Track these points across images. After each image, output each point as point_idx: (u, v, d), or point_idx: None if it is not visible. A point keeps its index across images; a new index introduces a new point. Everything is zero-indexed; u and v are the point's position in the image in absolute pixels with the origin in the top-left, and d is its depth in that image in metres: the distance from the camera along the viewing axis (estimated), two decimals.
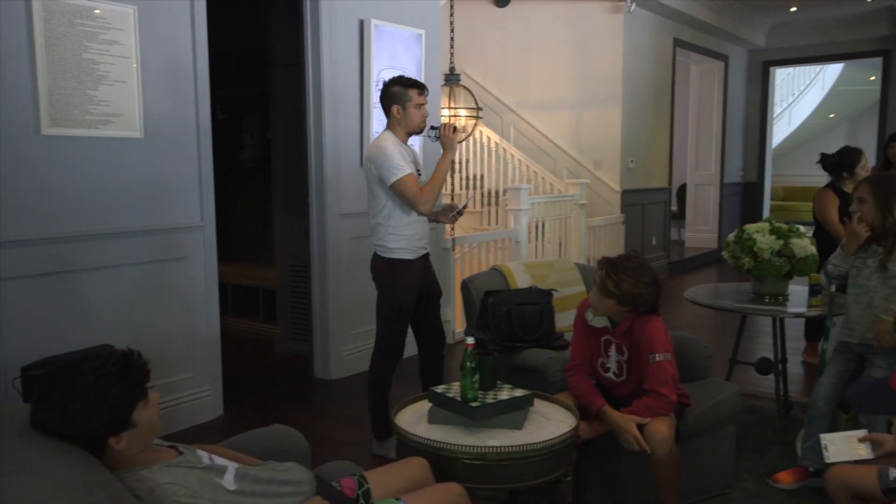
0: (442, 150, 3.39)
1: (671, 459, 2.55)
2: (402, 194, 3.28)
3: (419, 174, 3.39)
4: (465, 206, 3.58)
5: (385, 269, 3.42)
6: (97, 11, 3.35)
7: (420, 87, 3.34)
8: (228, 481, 1.73)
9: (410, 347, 3.62)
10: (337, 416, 4.13)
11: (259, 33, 5.57)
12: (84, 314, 3.41)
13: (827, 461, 2.13)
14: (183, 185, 3.81)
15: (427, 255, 3.54)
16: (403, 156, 3.30)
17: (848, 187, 4.26)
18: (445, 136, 3.34)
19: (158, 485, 1.61)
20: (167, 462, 1.69)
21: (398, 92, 3.32)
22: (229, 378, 4.24)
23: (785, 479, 3.14)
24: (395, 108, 3.34)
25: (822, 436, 2.20)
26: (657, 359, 2.58)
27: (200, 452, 1.80)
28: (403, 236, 3.37)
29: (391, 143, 3.30)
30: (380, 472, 2.11)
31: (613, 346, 2.72)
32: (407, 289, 3.39)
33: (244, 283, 6.04)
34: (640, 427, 2.55)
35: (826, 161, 4.53)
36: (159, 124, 3.66)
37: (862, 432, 2.10)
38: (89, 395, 1.56)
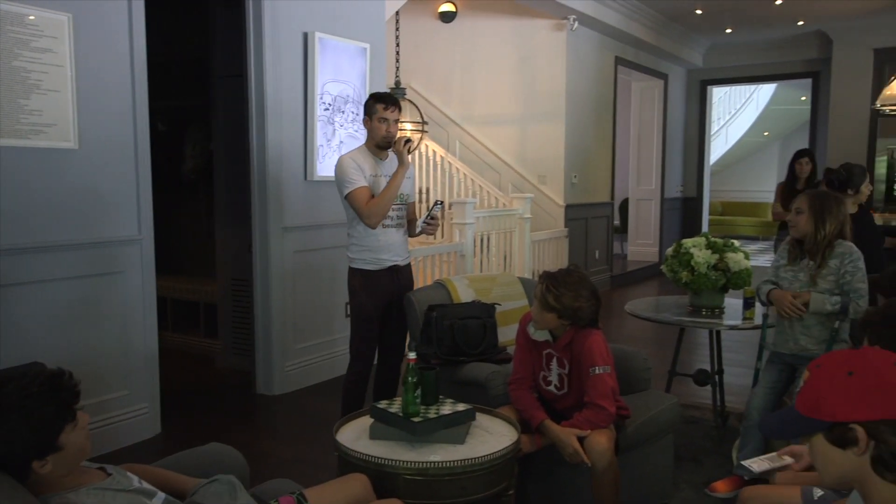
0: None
1: (611, 471, 2.58)
2: (352, 206, 3.39)
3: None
4: (434, 214, 3.60)
5: (350, 279, 3.52)
6: (30, 18, 3.25)
7: (386, 102, 3.43)
8: None
9: None
10: (279, 433, 4.07)
11: (201, 43, 5.49)
12: (14, 331, 3.28)
13: (751, 474, 2.12)
14: (120, 198, 3.72)
15: (399, 267, 3.54)
16: (361, 169, 3.38)
17: (849, 206, 3.91)
18: (398, 151, 3.40)
19: None
20: (95, 485, 1.63)
21: (368, 105, 3.48)
22: (168, 395, 4.14)
23: (721, 487, 3.18)
24: (364, 120, 3.50)
25: (742, 462, 2.21)
26: (597, 372, 2.61)
27: (131, 475, 1.74)
28: (364, 247, 3.44)
29: (351, 156, 3.44)
30: (319, 489, 2.08)
31: (555, 360, 2.74)
32: (368, 299, 3.45)
33: (185, 297, 5.91)
34: (581, 439, 2.57)
35: (832, 176, 4.33)
36: (95, 135, 3.57)
37: (773, 455, 2.11)
38: (13, 417, 1.50)
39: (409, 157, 3.45)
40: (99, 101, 3.59)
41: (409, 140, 3.46)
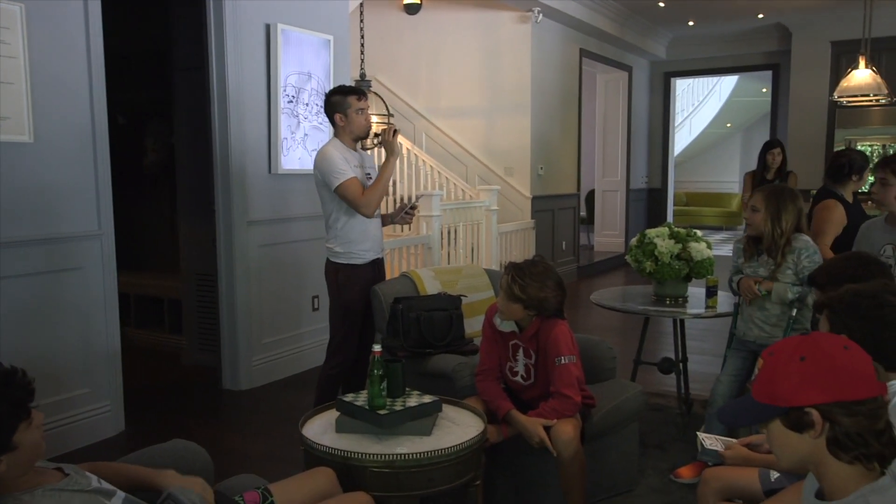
0: (385, 155, 3.48)
1: (577, 460, 2.60)
2: (345, 197, 3.35)
3: (370, 178, 3.47)
4: (415, 205, 3.64)
5: (331, 273, 3.50)
6: None
7: (358, 93, 3.42)
8: None
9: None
10: (245, 429, 4.03)
11: (161, 35, 5.39)
12: None
13: (703, 451, 2.15)
14: (78, 192, 3.64)
15: (378, 260, 3.57)
16: (347, 161, 3.36)
17: (849, 194, 3.82)
18: (387, 141, 3.41)
19: None
20: (51, 486, 1.58)
21: (338, 101, 3.41)
22: (132, 392, 4.08)
23: (685, 473, 3.26)
24: (338, 117, 3.43)
25: (698, 433, 2.26)
26: (563, 362, 2.63)
27: (89, 475, 1.70)
28: (348, 241, 3.43)
29: (334, 149, 3.39)
30: (285, 484, 2.06)
31: (521, 351, 2.76)
32: (351, 293, 3.45)
33: (148, 293, 5.81)
34: (547, 429, 2.59)
35: (842, 160, 3.84)
36: (51, 128, 3.49)
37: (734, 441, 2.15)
38: None
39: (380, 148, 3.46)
40: (55, 93, 3.50)
41: (396, 130, 3.49)
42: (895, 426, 1.31)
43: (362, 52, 6.43)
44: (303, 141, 4.86)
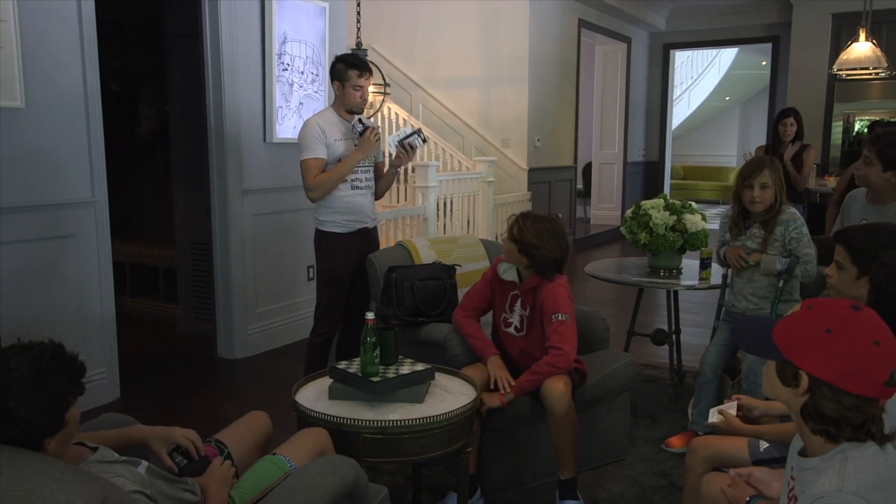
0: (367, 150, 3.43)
1: (568, 417, 2.63)
2: (302, 174, 3.39)
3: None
4: (413, 140, 3.50)
5: (317, 241, 3.53)
6: None
7: (361, 69, 3.40)
8: (142, 472, 1.66)
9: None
10: (239, 396, 4.06)
11: (154, 1, 5.32)
12: None
13: (704, 429, 2.18)
14: (71, 159, 3.62)
15: (368, 230, 3.56)
16: (325, 134, 3.36)
17: None
18: (366, 138, 3.38)
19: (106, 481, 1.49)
20: (94, 459, 1.58)
21: (340, 69, 3.41)
22: (128, 360, 4.10)
23: (676, 443, 3.29)
24: (335, 85, 3.44)
25: (711, 410, 2.29)
26: (559, 318, 2.68)
27: (103, 447, 1.70)
28: (333, 209, 3.44)
29: (317, 121, 3.41)
30: (228, 432, 2.14)
31: (519, 302, 2.81)
32: (334, 261, 3.47)
33: (143, 262, 5.81)
34: (542, 388, 2.64)
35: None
36: (43, 93, 3.46)
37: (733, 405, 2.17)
38: (28, 392, 1.42)
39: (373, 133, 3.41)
40: (47, 58, 3.47)
41: (379, 137, 3.45)
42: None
43: (358, 21, 6.35)
44: (298, 109, 4.83)
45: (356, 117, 3.46)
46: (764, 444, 2.09)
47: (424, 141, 3.55)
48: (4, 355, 1.46)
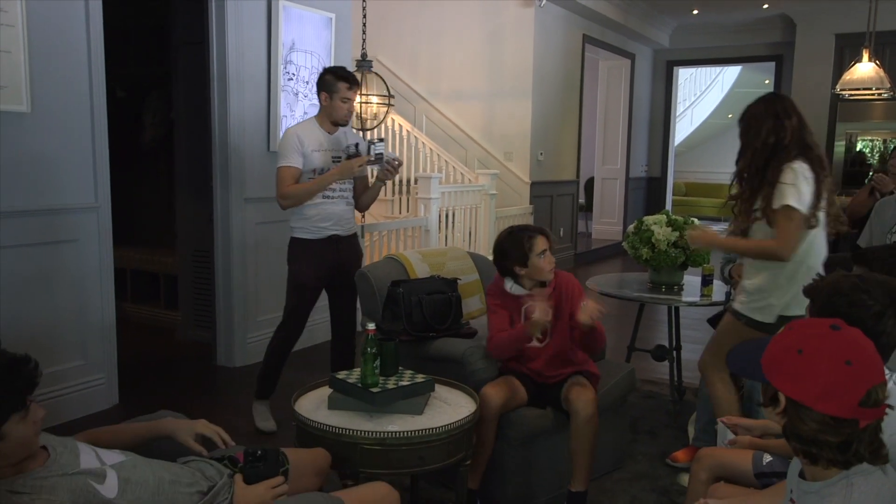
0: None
1: (592, 423, 2.65)
2: (277, 181, 3.43)
3: (337, 161, 3.46)
4: (378, 149, 3.42)
5: (289, 247, 3.56)
6: None
7: (350, 82, 3.41)
8: (110, 486, 1.58)
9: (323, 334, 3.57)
10: (238, 404, 4.03)
11: (161, 10, 5.35)
12: None
13: (696, 438, 2.21)
14: (75, 164, 3.63)
15: (340, 238, 3.55)
16: (303, 144, 3.38)
17: None
18: (348, 164, 3.38)
19: None
20: (33, 473, 1.51)
21: (329, 81, 3.42)
22: (127, 366, 4.08)
23: (681, 457, 3.28)
24: (323, 96, 3.44)
25: (719, 420, 2.30)
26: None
27: (82, 446, 1.64)
28: (304, 216, 3.47)
29: (296, 131, 3.43)
30: (293, 451, 2.09)
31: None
32: (301, 266, 3.50)
33: (145, 268, 5.81)
34: (568, 391, 2.69)
35: None
36: (49, 98, 3.47)
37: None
38: None
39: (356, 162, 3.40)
40: (53, 63, 3.48)
41: (362, 165, 3.40)
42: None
43: (364, 32, 6.38)
44: (302, 119, 4.84)
45: (364, 139, 3.50)
46: (767, 458, 2.10)
47: (381, 140, 3.50)
48: None
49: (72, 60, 3.57)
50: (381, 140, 3.51)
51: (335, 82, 3.40)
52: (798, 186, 2.60)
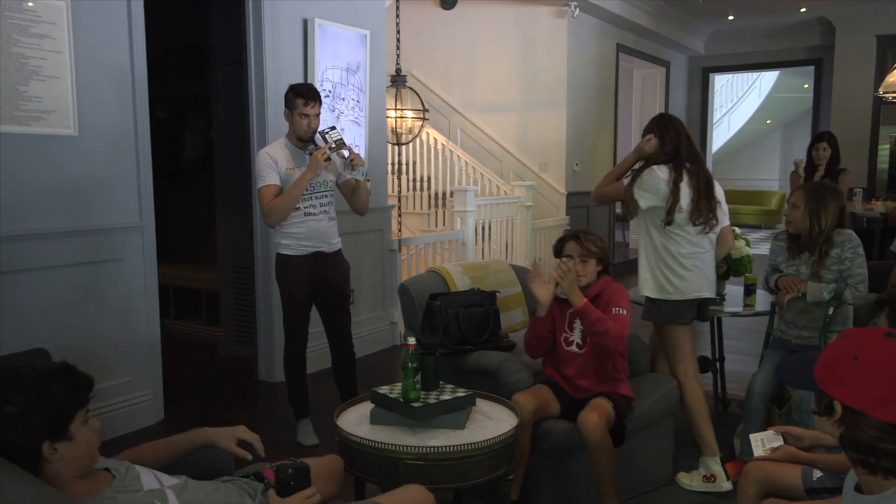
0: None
1: (603, 448, 2.61)
2: (259, 201, 3.48)
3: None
4: (334, 137, 3.44)
5: (275, 264, 3.63)
6: (28, 4, 3.24)
7: (306, 98, 3.44)
8: (173, 494, 1.65)
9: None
10: (279, 419, 4.07)
11: (200, 30, 5.47)
12: (16, 318, 3.29)
13: (743, 451, 2.18)
14: (120, 185, 3.72)
15: (324, 254, 3.58)
16: (276, 163, 3.44)
17: None
18: (313, 157, 3.40)
19: None
20: (103, 494, 1.57)
21: (289, 98, 3.49)
22: (171, 382, 4.15)
23: (728, 471, 3.22)
24: (285, 113, 3.52)
25: (751, 435, 2.27)
26: (621, 312, 2.72)
27: (139, 469, 1.70)
28: (287, 233, 3.52)
29: (267, 151, 3.50)
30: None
31: (578, 318, 2.79)
32: (288, 283, 3.57)
33: (187, 285, 5.91)
34: (574, 415, 2.67)
35: None
36: (95, 122, 3.56)
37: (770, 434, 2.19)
38: (29, 392, 1.48)
39: (329, 158, 3.41)
40: (99, 87, 3.58)
41: (329, 158, 3.41)
42: None
43: (398, 48, 6.45)
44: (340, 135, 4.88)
45: (311, 144, 3.51)
46: (818, 473, 2.05)
47: (333, 128, 3.50)
48: (15, 365, 1.54)
49: (116, 84, 3.67)
50: (332, 128, 3.50)
51: (293, 99, 3.45)
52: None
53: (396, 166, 6.44)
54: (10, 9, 3.18)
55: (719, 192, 3.14)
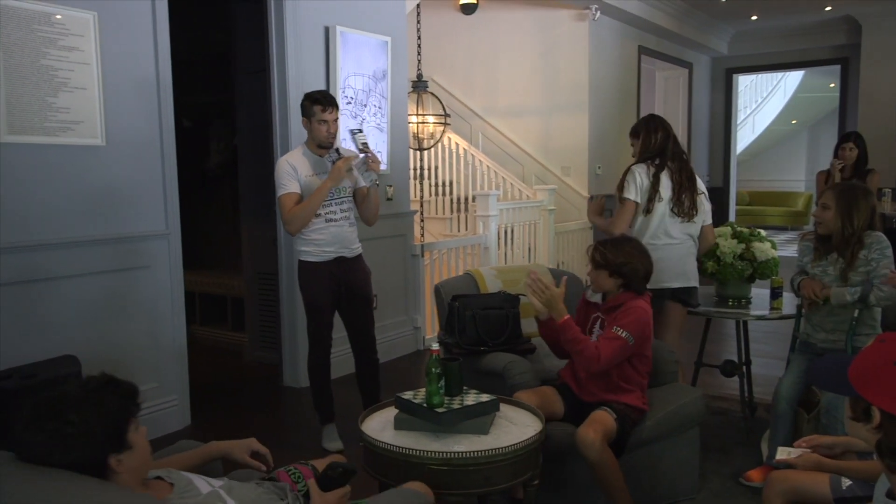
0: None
1: (603, 463, 2.56)
2: (280, 209, 3.50)
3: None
4: (361, 138, 3.51)
5: (298, 271, 3.64)
6: (56, 17, 3.30)
7: (324, 104, 3.46)
8: (224, 493, 1.69)
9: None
10: (304, 424, 4.10)
11: (224, 39, 5.53)
12: (44, 325, 3.34)
13: (782, 464, 2.12)
14: (147, 193, 3.77)
15: (346, 259, 3.59)
16: (296, 171, 3.46)
17: None
18: (336, 167, 3.42)
19: None
20: (168, 501, 1.59)
21: (307, 106, 3.50)
22: (197, 387, 4.20)
23: (755, 477, 3.18)
24: (303, 121, 3.54)
25: (780, 448, 2.22)
26: (620, 333, 2.67)
27: (186, 475, 1.72)
28: (309, 240, 3.54)
29: (286, 159, 3.52)
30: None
31: (599, 322, 2.81)
32: (311, 289, 3.58)
33: (212, 291, 5.98)
34: (572, 431, 2.65)
35: None
36: (122, 132, 3.62)
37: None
38: (85, 408, 1.46)
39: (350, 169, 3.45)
40: (125, 97, 3.63)
41: (352, 168, 3.46)
42: None
43: (419, 53, 6.48)
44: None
45: (333, 150, 3.52)
46: (847, 482, 2.01)
47: (360, 130, 3.57)
48: (58, 382, 1.56)
49: (142, 94, 3.72)
50: (360, 130, 3.57)
51: (311, 106, 3.46)
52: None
53: (418, 171, 6.46)
54: (40, 22, 3.24)
55: (701, 186, 3.54)
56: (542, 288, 2.72)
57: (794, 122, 14.57)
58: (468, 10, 7.91)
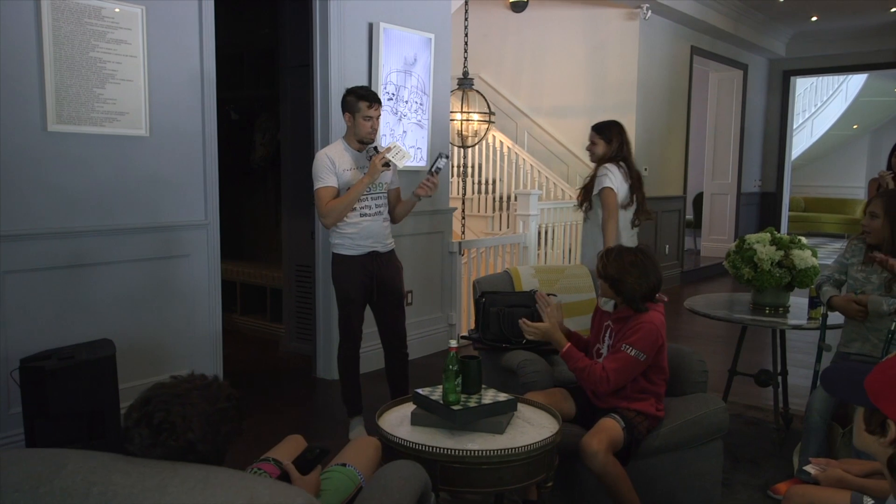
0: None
1: (608, 473, 2.53)
2: (316, 202, 3.53)
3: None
4: (439, 164, 3.57)
5: (332, 265, 3.68)
6: (105, 11, 3.40)
7: (370, 101, 3.49)
8: None
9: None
10: (333, 416, 4.16)
11: (271, 35, 5.63)
12: (86, 309, 3.46)
13: (811, 478, 2.07)
14: (187, 184, 3.86)
15: (379, 253, 3.63)
16: (334, 165, 3.49)
17: None
18: (372, 163, 3.46)
19: None
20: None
21: (351, 101, 3.52)
22: (232, 375, 4.29)
23: (783, 490, 3.10)
24: (346, 116, 3.56)
25: (810, 463, 2.17)
26: (629, 351, 2.63)
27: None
28: (344, 234, 3.57)
29: (326, 152, 3.55)
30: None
31: (608, 332, 2.79)
32: (344, 282, 3.63)
33: (253, 281, 6.09)
34: (577, 438, 2.61)
35: None
36: (165, 123, 3.72)
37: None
38: (209, 428, 1.47)
39: (385, 167, 3.49)
40: (170, 90, 3.73)
41: (389, 162, 3.49)
42: None
43: (465, 50, 6.48)
44: (402, 138, 4.95)
45: (371, 145, 3.56)
46: (869, 501, 1.95)
47: (447, 157, 3.61)
48: (186, 389, 1.49)
49: (187, 87, 3.82)
50: (446, 156, 3.64)
51: (356, 102, 3.49)
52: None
53: (462, 169, 6.46)
54: (90, 15, 3.35)
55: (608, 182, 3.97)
56: (556, 308, 2.83)
57: (855, 126, 14.10)
58: (518, 7, 7.87)
